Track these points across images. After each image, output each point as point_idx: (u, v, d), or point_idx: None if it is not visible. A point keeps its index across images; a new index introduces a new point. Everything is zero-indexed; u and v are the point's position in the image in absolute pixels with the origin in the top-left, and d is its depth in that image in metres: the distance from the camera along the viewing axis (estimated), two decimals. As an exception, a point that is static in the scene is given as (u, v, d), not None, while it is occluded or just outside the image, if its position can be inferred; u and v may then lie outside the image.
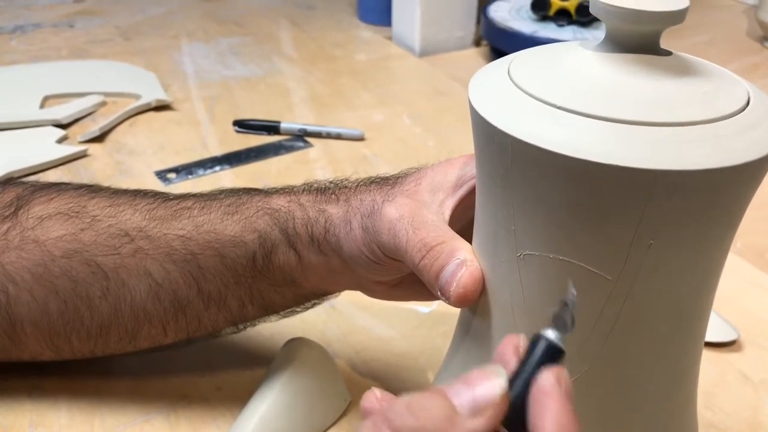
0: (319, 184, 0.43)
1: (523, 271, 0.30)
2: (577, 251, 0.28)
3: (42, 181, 0.47)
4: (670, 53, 0.30)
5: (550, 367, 0.24)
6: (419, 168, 0.40)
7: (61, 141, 0.80)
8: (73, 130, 0.82)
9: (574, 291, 0.26)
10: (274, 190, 0.44)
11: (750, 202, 0.29)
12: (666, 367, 0.31)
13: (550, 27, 1.03)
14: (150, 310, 0.42)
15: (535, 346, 0.24)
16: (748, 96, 0.29)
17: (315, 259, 0.41)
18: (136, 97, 0.89)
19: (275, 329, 0.51)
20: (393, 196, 0.38)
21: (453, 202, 0.37)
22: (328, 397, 0.46)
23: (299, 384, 0.44)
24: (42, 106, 0.87)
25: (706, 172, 0.25)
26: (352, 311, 0.56)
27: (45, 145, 0.78)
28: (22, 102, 0.86)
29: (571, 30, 1.02)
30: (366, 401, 0.26)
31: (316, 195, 0.42)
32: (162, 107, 0.88)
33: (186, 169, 0.76)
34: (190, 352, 0.49)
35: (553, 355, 0.24)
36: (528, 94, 0.29)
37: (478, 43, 1.12)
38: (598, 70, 0.29)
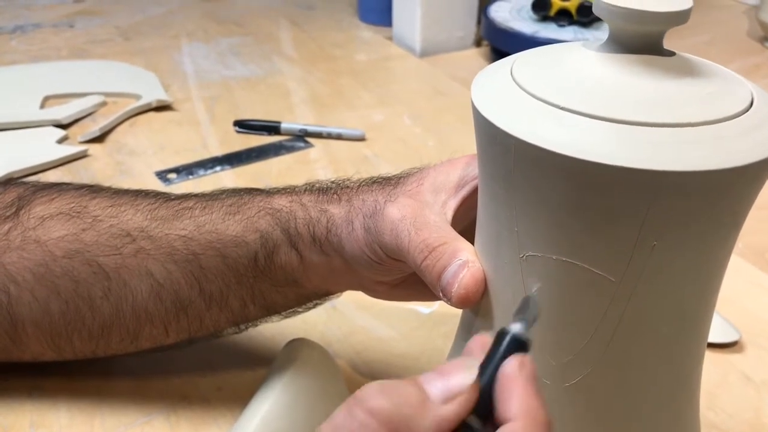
0: (321, 184, 0.43)
1: (526, 272, 0.30)
2: (580, 252, 0.28)
3: (43, 182, 0.47)
4: (673, 54, 0.30)
5: (514, 356, 0.25)
6: (421, 168, 0.40)
7: (61, 141, 0.80)
8: (73, 130, 0.82)
9: (535, 291, 0.28)
10: (276, 190, 0.44)
11: (754, 203, 0.29)
12: (669, 369, 0.31)
13: (551, 27, 1.02)
14: (152, 311, 0.42)
15: (501, 340, 0.25)
16: (752, 97, 0.29)
17: (317, 259, 0.41)
18: (137, 97, 0.89)
19: (276, 330, 0.51)
20: (395, 196, 0.38)
21: (455, 202, 0.37)
22: (329, 397, 0.45)
23: (300, 385, 0.44)
24: (42, 106, 0.87)
25: (709, 173, 0.25)
26: (353, 312, 0.56)
27: (45, 146, 0.78)
28: (23, 102, 0.86)
29: (571, 30, 1.02)
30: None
31: (318, 195, 0.42)
32: (162, 107, 0.88)
33: (186, 170, 0.76)
34: (191, 352, 0.49)
35: (518, 346, 0.25)
36: (531, 94, 0.28)
37: (478, 44, 1.12)
38: (601, 71, 0.29)
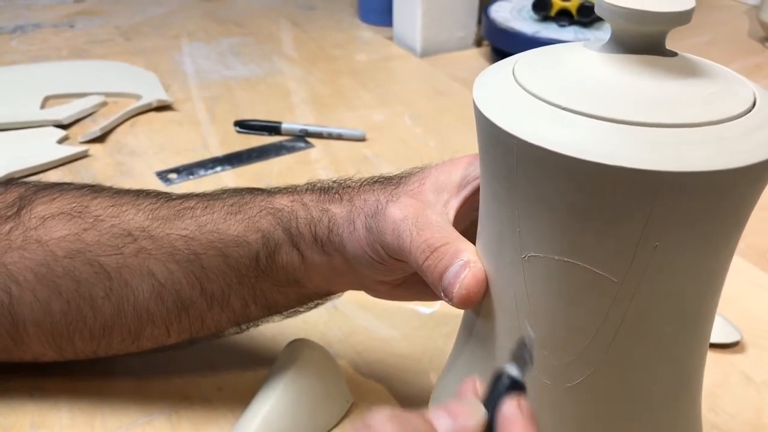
0: (323, 183, 0.43)
1: (528, 272, 0.30)
2: (583, 253, 0.28)
3: (44, 182, 0.47)
4: (675, 54, 0.30)
5: (512, 396, 0.27)
6: (423, 168, 0.40)
7: (61, 141, 0.80)
8: (73, 130, 0.82)
9: (532, 334, 0.30)
10: (277, 190, 0.44)
11: (756, 203, 0.29)
12: (671, 369, 0.31)
13: (552, 27, 1.02)
14: (153, 311, 0.42)
15: (499, 381, 0.28)
16: (754, 97, 0.29)
17: (318, 258, 0.41)
18: (137, 97, 0.89)
19: (277, 330, 0.51)
20: (397, 196, 0.38)
21: (457, 202, 0.37)
22: (330, 398, 0.45)
23: (302, 385, 0.44)
24: (43, 106, 0.86)
25: (711, 173, 0.25)
26: (354, 312, 0.56)
27: (46, 146, 0.78)
28: (23, 102, 0.86)
29: (572, 30, 1.02)
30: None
31: (320, 195, 0.42)
32: (163, 107, 0.88)
33: (187, 170, 0.76)
34: (193, 352, 0.49)
35: (515, 389, 0.27)
36: (532, 95, 0.28)
37: (479, 44, 1.12)
38: (603, 71, 0.29)
